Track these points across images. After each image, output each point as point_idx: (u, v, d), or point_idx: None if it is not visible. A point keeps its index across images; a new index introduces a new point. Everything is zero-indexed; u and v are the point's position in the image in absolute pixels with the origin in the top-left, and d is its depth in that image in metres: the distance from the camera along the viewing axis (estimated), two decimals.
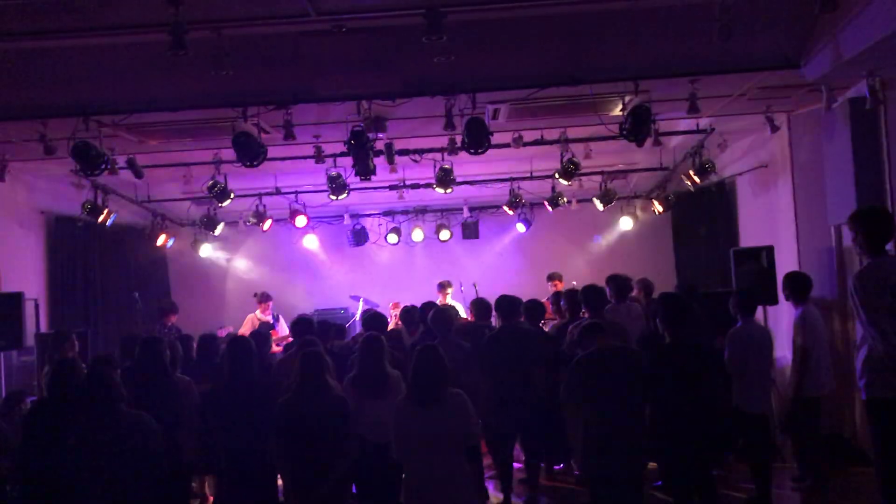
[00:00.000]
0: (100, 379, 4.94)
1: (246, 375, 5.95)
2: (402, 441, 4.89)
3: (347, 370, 6.16)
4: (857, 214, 5.25)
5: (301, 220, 11.81)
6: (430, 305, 7.96)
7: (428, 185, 10.65)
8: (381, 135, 8.04)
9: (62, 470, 4.69)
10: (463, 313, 10.23)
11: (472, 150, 7.56)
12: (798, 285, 7.24)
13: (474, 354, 7.14)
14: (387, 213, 13.90)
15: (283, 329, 11.36)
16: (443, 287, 11.65)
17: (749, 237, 10.64)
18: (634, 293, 9.35)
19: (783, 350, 8.23)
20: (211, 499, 7.55)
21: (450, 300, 11.45)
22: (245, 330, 10.93)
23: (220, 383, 6.09)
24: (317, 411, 5.10)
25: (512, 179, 11.47)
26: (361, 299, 12.43)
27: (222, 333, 11.26)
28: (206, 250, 13.56)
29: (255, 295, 11.77)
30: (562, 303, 8.12)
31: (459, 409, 4.91)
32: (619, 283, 8.60)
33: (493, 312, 7.92)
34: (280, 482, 5.73)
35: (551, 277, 11.51)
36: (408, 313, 8.12)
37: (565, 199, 11.79)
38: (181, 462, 5.98)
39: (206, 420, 6.21)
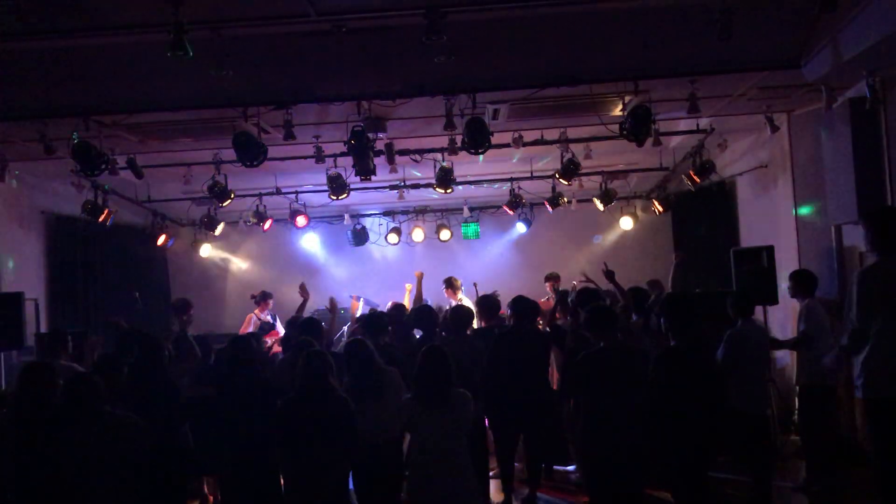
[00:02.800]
0: (81, 383, 4.89)
1: (248, 375, 5.94)
2: (412, 439, 4.93)
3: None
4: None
5: (301, 220, 11.83)
6: (425, 308, 7.97)
7: (428, 185, 10.65)
8: (381, 135, 8.04)
9: (54, 478, 4.64)
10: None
11: (473, 150, 7.56)
12: (805, 282, 7.35)
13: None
14: (387, 213, 13.90)
15: (282, 329, 11.35)
16: (452, 284, 11.36)
17: (749, 237, 10.64)
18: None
19: (782, 350, 8.23)
20: (211, 499, 7.55)
21: (462, 298, 11.32)
22: (245, 330, 10.92)
23: (223, 383, 6.08)
24: (320, 412, 5.09)
25: (512, 179, 11.48)
26: (362, 299, 12.42)
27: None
28: (207, 250, 13.58)
29: (254, 297, 11.75)
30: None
31: (465, 409, 4.94)
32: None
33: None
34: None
35: (549, 278, 11.52)
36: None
37: (565, 199, 11.79)
38: (181, 461, 5.99)
39: (209, 420, 6.21)
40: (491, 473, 7.73)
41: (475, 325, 8.05)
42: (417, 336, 7.82)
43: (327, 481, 5.09)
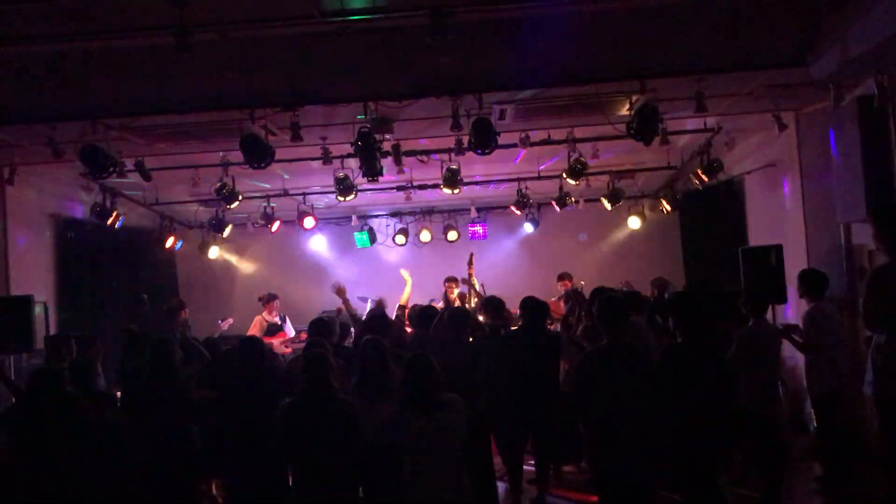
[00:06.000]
0: (55, 392, 4.89)
1: (257, 376, 5.95)
2: (401, 448, 4.90)
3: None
4: (880, 211, 5.22)
5: (309, 222, 11.85)
6: (429, 309, 7.97)
7: (435, 186, 10.65)
8: (387, 136, 8.05)
9: (54, 483, 4.64)
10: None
11: (479, 151, 7.56)
12: (812, 283, 7.31)
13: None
14: (394, 214, 13.91)
15: (291, 331, 11.39)
16: (452, 283, 11.31)
17: (757, 236, 10.60)
18: (648, 293, 9.32)
19: (792, 350, 8.20)
20: (220, 501, 7.55)
21: (453, 296, 11.31)
22: (253, 332, 10.94)
23: (232, 384, 6.09)
24: (321, 414, 5.08)
25: (519, 179, 11.47)
26: (369, 300, 12.42)
27: (224, 326, 11.28)
28: (215, 252, 13.61)
29: (260, 299, 11.77)
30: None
31: (455, 415, 4.91)
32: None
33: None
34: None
35: (561, 277, 11.51)
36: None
37: (573, 199, 11.78)
38: (189, 464, 6.00)
39: (217, 422, 6.22)
40: (498, 475, 7.73)
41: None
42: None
43: (333, 484, 5.07)
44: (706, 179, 10.03)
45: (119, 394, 7.19)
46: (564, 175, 9.87)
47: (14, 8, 5.36)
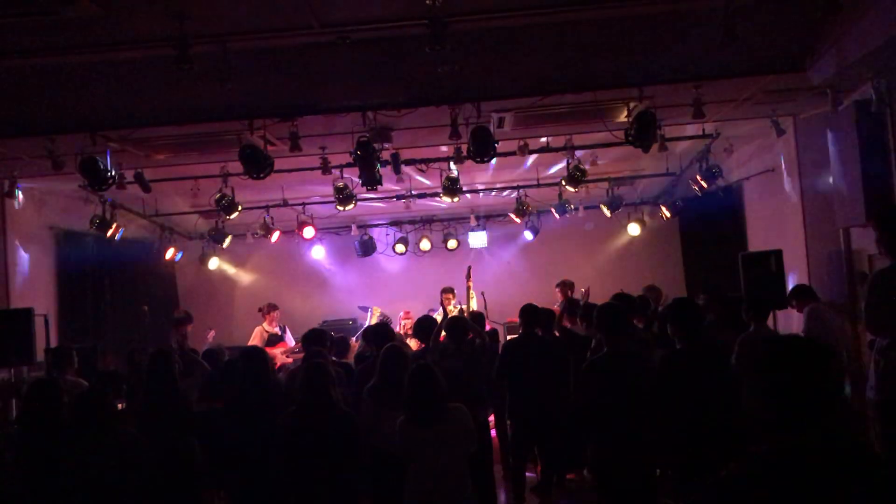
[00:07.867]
0: (96, 401, 4.88)
1: (261, 388, 5.93)
2: (406, 458, 4.90)
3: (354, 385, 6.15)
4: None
5: (309, 232, 11.85)
6: (427, 320, 7.98)
7: (435, 195, 10.65)
8: (386, 145, 8.05)
9: (60, 495, 4.62)
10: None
11: (478, 159, 7.56)
12: (803, 292, 7.58)
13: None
14: (394, 223, 13.92)
15: (291, 341, 11.37)
16: (448, 293, 11.45)
17: (757, 241, 10.60)
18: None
19: None
20: None
21: (451, 307, 11.32)
22: (254, 343, 10.92)
23: (235, 395, 6.08)
24: (321, 427, 5.05)
25: (518, 187, 11.47)
26: (370, 309, 12.42)
27: (209, 337, 11.26)
28: (215, 263, 13.61)
29: (260, 309, 11.76)
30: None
31: (462, 425, 4.90)
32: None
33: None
34: None
35: (559, 285, 11.50)
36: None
37: (572, 206, 11.77)
38: (191, 476, 5.99)
39: (218, 434, 6.21)
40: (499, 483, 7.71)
41: None
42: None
43: (333, 494, 5.05)
44: (705, 185, 10.03)
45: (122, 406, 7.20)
46: (563, 182, 9.88)
47: (13, 21, 5.36)
